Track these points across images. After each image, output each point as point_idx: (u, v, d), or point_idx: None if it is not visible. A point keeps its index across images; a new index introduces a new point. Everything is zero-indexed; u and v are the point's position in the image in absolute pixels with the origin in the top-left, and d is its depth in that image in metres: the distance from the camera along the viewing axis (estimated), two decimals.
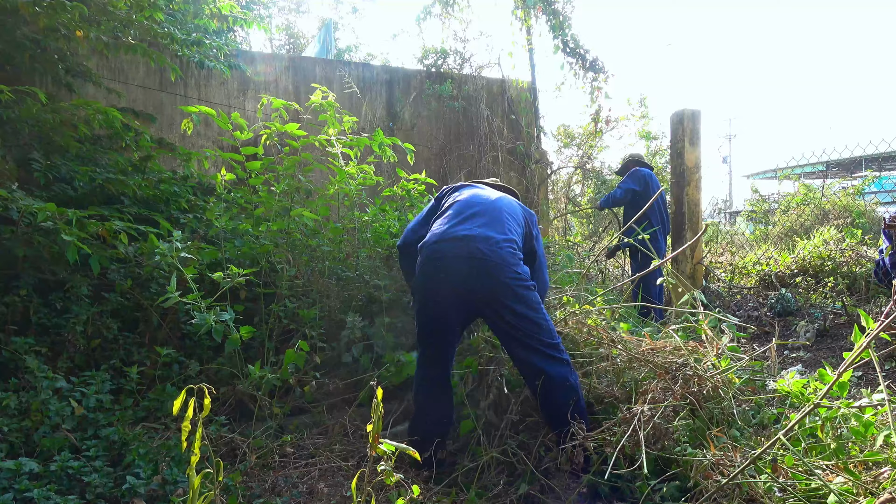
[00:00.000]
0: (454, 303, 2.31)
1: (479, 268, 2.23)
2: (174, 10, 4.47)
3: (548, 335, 2.28)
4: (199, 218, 3.64)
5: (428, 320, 2.40)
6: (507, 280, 2.24)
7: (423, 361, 2.48)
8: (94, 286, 3.01)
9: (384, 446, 1.49)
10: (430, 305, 2.37)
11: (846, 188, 9.48)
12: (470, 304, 2.31)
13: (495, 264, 2.24)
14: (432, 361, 2.44)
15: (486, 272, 2.23)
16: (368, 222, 3.73)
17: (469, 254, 2.25)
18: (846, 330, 4.55)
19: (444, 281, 2.29)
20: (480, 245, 2.26)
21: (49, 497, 1.83)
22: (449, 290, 2.29)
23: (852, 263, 5.48)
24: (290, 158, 3.34)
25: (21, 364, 2.49)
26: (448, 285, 2.29)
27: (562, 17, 7.00)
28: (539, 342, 2.25)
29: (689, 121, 5.16)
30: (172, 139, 5.05)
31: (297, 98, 6.14)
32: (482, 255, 2.24)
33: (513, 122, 7.12)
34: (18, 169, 3.23)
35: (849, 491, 1.65)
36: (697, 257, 5.21)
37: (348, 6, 17.11)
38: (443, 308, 2.34)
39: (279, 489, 2.19)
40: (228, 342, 2.62)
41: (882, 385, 1.58)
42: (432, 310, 2.37)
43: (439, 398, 2.44)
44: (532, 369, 2.25)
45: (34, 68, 3.92)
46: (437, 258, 2.31)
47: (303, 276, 3.37)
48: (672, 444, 1.98)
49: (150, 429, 2.48)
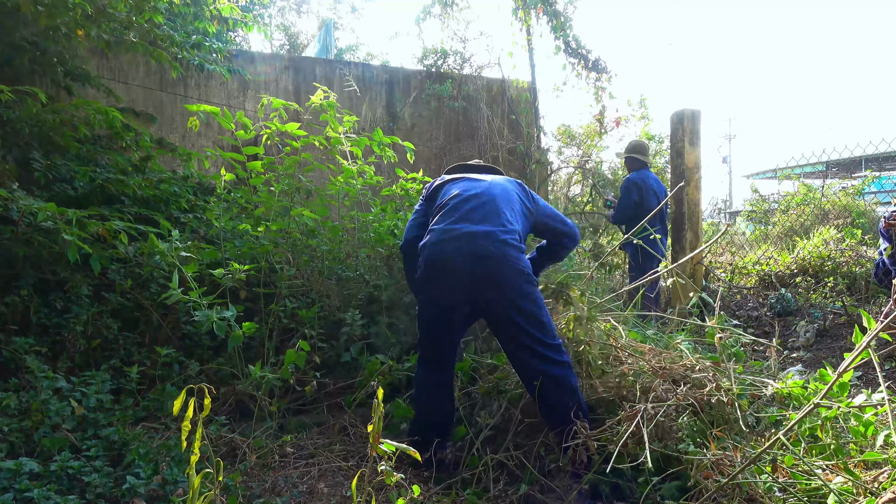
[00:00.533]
0: (457, 302, 2.30)
1: (484, 265, 2.22)
2: (174, 13, 4.47)
3: (549, 336, 2.26)
4: (199, 218, 3.64)
5: (430, 320, 2.38)
6: (511, 276, 2.23)
7: (423, 362, 2.47)
8: (94, 286, 3.01)
9: (384, 446, 1.49)
10: (433, 305, 2.36)
11: (846, 188, 9.48)
12: (474, 304, 2.30)
13: (498, 260, 2.22)
14: (433, 363, 2.43)
15: (491, 269, 2.22)
16: (370, 221, 3.73)
17: (472, 251, 2.23)
18: (846, 330, 4.55)
19: (447, 281, 2.28)
20: (483, 241, 2.24)
21: (49, 497, 1.83)
22: (452, 289, 2.28)
23: (852, 263, 5.47)
24: (291, 158, 3.34)
25: (21, 364, 2.49)
26: (451, 285, 2.27)
27: (563, 18, 7.00)
28: (541, 344, 2.23)
29: (689, 121, 5.17)
30: (172, 139, 5.06)
31: (296, 98, 6.14)
32: (486, 253, 2.22)
33: (513, 122, 7.12)
34: (19, 169, 3.23)
35: (848, 491, 1.65)
36: (697, 257, 5.21)
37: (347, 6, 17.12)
38: (446, 308, 2.33)
39: (279, 489, 2.19)
40: (231, 339, 2.62)
41: (882, 385, 1.58)
42: (435, 309, 2.36)
43: (440, 400, 2.42)
44: (533, 371, 2.24)
45: (33, 70, 3.92)
46: (439, 258, 2.29)
47: (302, 276, 3.37)
48: (674, 443, 1.98)
49: (150, 429, 2.48)
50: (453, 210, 2.41)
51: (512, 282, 2.23)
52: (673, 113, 5.31)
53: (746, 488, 1.74)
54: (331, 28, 9.70)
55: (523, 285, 2.24)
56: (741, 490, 1.74)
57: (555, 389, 2.20)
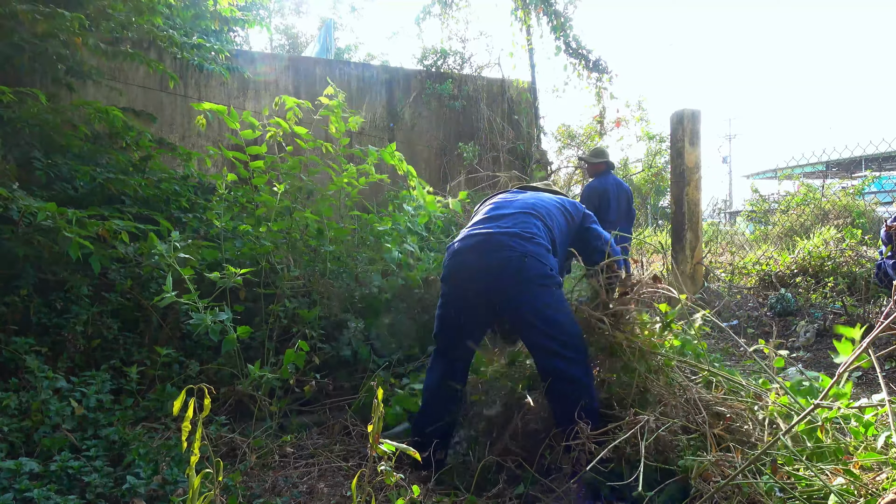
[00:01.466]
0: (475, 301, 2.31)
1: (502, 265, 2.23)
2: (173, 14, 4.47)
3: (568, 335, 2.24)
4: (199, 218, 3.64)
5: (446, 316, 2.39)
6: (526, 276, 2.22)
7: (435, 358, 2.48)
8: (94, 286, 3.01)
9: (384, 446, 1.49)
10: (451, 302, 2.37)
11: (846, 188, 9.48)
12: (491, 304, 2.30)
13: (514, 260, 2.22)
14: (443, 361, 2.43)
15: (509, 269, 2.22)
16: (371, 221, 3.72)
17: (491, 249, 2.26)
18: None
19: (466, 279, 2.30)
20: (503, 240, 2.26)
21: (49, 497, 1.83)
22: (470, 287, 2.30)
23: (852, 263, 5.48)
24: (294, 158, 3.34)
25: (21, 364, 2.49)
26: (470, 283, 2.29)
27: (563, 18, 7.00)
28: (559, 342, 2.22)
29: (689, 121, 5.17)
30: (172, 139, 5.06)
31: (296, 97, 6.13)
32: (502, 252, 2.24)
33: (513, 122, 7.12)
34: (19, 169, 3.23)
35: (849, 492, 1.65)
36: (697, 257, 5.22)
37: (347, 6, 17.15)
38: (463, 306, 2.34)
39: (279, 489, 2.19)
40: (224, 343, 2.62)
41: (883, 385, 1.58)
42: (452, 306, 2.37)
43: (445, 400, 2.41)
44: (546, 368, 2.23)
45: (34, 68, 3.92)
46: (460, 257, 2.33)
47: (303, 277, 3.37)
48: (675, 457, 1.96)
49: (150, 429, 2.48)
50: (483, 217, 2.47)
51: (526, 283, 2.22)
52: (673, 113, 5.31)
53: (747, 488, 1.74)
54: (331, 28, 9.70)
55: (537, 287, 2.23)
56: (741, 491, 1.74)
57: (568, 387, 2.19)
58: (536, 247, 2.28)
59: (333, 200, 3.60)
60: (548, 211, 2.49)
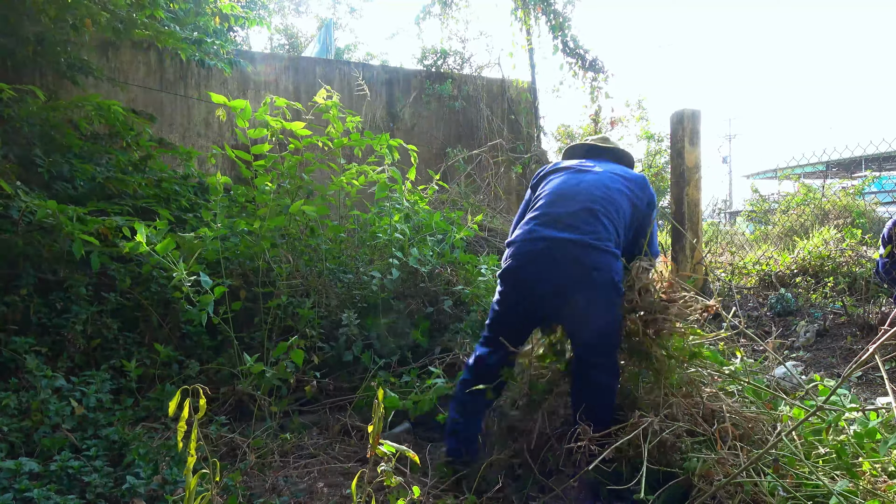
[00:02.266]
0: (533, 308, 2.27)
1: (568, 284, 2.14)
2: (175, 10, 4.47)
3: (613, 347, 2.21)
4: (199, 217, 3.64)
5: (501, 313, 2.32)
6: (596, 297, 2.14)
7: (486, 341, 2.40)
8: (93, 285, 3.01)
9: (384, 447, 1.48)
10: (508, 303, 2.31)
11: (846, 188, 9.47)
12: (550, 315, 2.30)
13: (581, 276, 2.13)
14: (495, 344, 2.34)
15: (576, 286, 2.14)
16: (370, 221, 3.71)
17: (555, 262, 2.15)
18: (846, 330, 4.55)
19: (527, 290, 2.24)
20: (569, 250, 2.14)
21: (49, 497, 1.83)
22: (530, 297, 2.24)
23: (852, 263, 5.47)
24: (293, 158, 3.33)
25: (21, 364, 2.49)
26: (531, 294, 2.23)
27: (562, 18, 7.00)
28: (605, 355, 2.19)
29: (689, 121, 5.16)
30: (172, 139, 5.06)
31: (297, 97, 6.14)
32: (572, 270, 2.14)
33: (513, 122, 7.12)
34: (19, 168, 3.23)
35: (852, 493, 1.65)
36: (697, 257, 5.21)
37: (346, 6, 17.14)
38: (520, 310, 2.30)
39: (279, 489, 2.19)
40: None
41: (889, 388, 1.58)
42: (508, 308, 2.31)
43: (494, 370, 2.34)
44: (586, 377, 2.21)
45: (36, 62, 3.92)
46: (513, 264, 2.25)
47: (302, 276, 3.37)
48: (678, 460, 1.96)
49: (150, 429, 2.48)
50: (544, 208, 2.30)
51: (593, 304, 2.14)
52: (673, 113, 5.30)
53: (749, 488, 1.73)
54: (331, 28, 9.69)
55: (603, 305, 2.15)
56: (743, 489, 1.74)
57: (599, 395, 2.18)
58: (604, 255, 2.14)
59: (333, 200, 3.60)
60: (615, 205, 2.26)
